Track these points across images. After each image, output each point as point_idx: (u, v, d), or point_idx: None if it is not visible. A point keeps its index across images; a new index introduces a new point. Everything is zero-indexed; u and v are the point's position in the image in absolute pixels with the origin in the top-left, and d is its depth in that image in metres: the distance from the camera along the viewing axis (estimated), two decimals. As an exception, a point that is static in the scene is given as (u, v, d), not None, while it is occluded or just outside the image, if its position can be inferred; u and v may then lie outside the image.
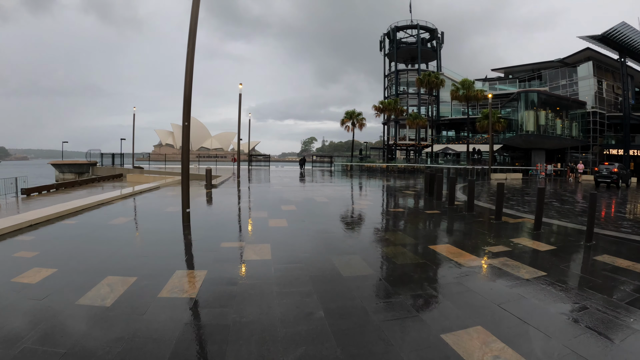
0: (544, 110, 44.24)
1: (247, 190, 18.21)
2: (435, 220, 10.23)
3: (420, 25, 60.24)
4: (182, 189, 9.07)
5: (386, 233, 8.33)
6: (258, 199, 14.35)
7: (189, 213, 9.00)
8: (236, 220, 9.71)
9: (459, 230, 8.89)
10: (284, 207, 11.63)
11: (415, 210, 12.14)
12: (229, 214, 10.69)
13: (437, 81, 41.38)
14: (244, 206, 12.09)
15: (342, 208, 12.32)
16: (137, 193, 16.04)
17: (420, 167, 39.38)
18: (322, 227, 8.74)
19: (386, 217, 10.63)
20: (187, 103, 8.98)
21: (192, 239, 7.44)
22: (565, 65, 55.68)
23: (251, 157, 50.63)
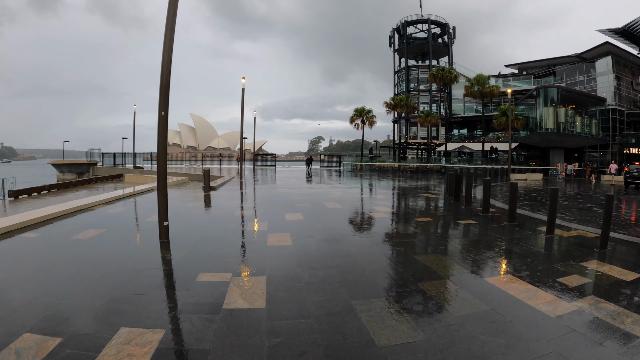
0: (564, 107, 41.86)
1: (249, 193, 16.40)
2: (475, 235, 8.26)
3: (431, 20, 58.09)
4: (159, 198, 7.22)
5: (421, 256, 6.36)
6: (259, 205, 12.51)
7: (167, 227, 7.16)
8: (228, 235, 7.79)
9: (510, 250, 6.91)
10: (289, 216, 9.75)
11: (445, 220, 10.16)
12: (221, 225, 8.81)
13: (451, 76, 39.22)
14: (240, 215, 10.19)
15: (357, 216, 10.39)
16: (126, 196, 14.31)
17: (434, 167, 37.31)
18: (336, 246, 6.82)
19: (414, 230, 8.64)
20: (165, 91, 7.15)
21: (162, 267, 5.57)
22: (582, 60, 53.21)
23: (257, 156, 48.89)
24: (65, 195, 18.85)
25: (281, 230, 7.92)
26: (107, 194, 14.44)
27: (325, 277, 5.10)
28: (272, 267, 5.44)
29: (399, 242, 7.34)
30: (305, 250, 6.47)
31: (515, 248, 7.00)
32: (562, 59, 56.09)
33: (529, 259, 6.27)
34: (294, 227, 8.41)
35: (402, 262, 6.01)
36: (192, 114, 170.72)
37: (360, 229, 8.62)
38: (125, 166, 38.61)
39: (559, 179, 36.26)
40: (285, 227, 8.33)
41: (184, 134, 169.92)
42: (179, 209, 11.50)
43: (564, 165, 39.59)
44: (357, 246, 6.86)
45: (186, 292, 4.52)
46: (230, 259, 5.91)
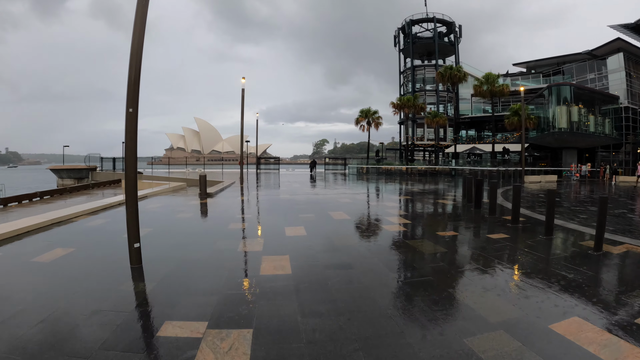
0: (577, 105, 40.23)
1: (247, 200, 15.10)
2: (513, 255, 6.82)
3: (437, 18, 56.73)
4: (128, 214, 5.92)
5: (459, 292, 4.94)
6: (256, 216, 11.18)
7: (139, 250, 5.87)
8: (214, 258, 6.38)
9: (563, 277, 5.46)
10: (289, 231, 8.40)
11: (473, 234, 8.69)
12: (209, 243, 7.45)
13: (460, 75, 37.77)
14: (233, 229, 8.84)
15: (370, 231, 8.99)
16: (113, 205, 13.06)
17: (444, 170, 35.84)
18: (348, 276, 5.39)
19: (441, 251, 7.17)
20: (134, 85, 5.89)
21: (120, 310, 4.22)
22: (593, 57, 51.60)
23: (259, 159, 47.57)
24: (56, 204, 17.78)
25: (279, 251, 6.57)
26: (92, 204, 13.17)
27: (336, 330, 3.72)
28: (262, 314, 4.06)
29: (427, 269, 5.85)
30: (309, 282, 5.09)
31: (567, 273, 5.59)
32: (571, 57, 54.51)
33: (589, 289, 4.90)
34: (294, 246, 7.06)
35: (436, 302, 4.57)
36: (196, 117, 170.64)
37: (374, 249, 7.23)
38: (125, 171, 37.63)
39: (574, 180, 34.70)
40: (285, 247, 6.98)
41: (188, 138, 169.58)
42: (165, 220, 10.21)
43: (578, 166, 37.98)
44: (373, 277, 5.42)
45: (138, 356, 3.19)
46: (209, 297, 4.55)
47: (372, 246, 7.32)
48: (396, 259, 6.50)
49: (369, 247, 7.24)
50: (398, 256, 6.69)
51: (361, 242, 7.57)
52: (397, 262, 6.32)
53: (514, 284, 5.20)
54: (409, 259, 6.50)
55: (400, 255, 6.72)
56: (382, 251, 6.95)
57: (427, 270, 5.74)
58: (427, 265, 6.02)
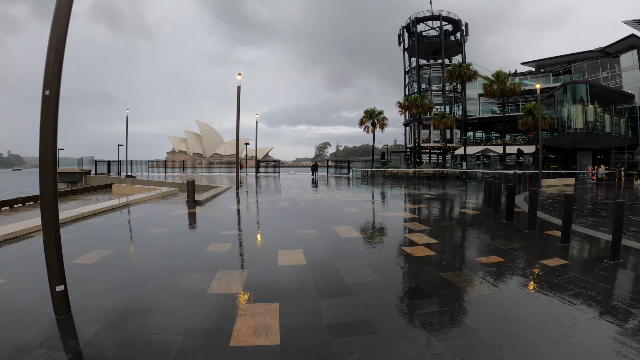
0: (592, 104, 38.11)
1: (240, 210, 13.19)
2: (584, 295, 4.85)
3: (442, 16, 54.93)
4: (45, 244, 4.05)
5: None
6: (246, 232, 9.22)
7: (63, 294, 4.00)
8: (169, 309, 4.45)
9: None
10: (283, 258, 6.42)
11: (520, 260, 6.69)
12: (173, 277, 5.45)
13: (470, 72, 35.79)
14: (211, 254, 6.83)
15: (389, 257, 6.92)
16: (84, 216, 11.20)
17: (454, 173, 33.84)
18: (371, 345, 3.55)
19: (490, 292, 5.12)
20: (56, 54, 4.01)
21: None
22: (605, 55, 49.65)
23: (259, 162, 45.69)
24: (34, 211, 16.17)
25: (266, 297, 4.59)
26: (62, 214, 11.27)
27: None
28: None
29: (488, 330, 3.95)
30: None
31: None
32: (583, 55, 52.59)
33: None
34: (288, 285, 5.09)
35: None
36: (197, 121, 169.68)
37: (401, 288, 5.24)
38: (121, 174, 35.89)
39: (591, 184, 32.67)
40: (274, 286, 5.00)
41: (190, 141, 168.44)
42: (135, 238, 8.35)
43: (595, 169, 35.91)
44: (408, 345, 3.55)
45: None
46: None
47: (396, 283, 5.35)
48: (435, 310, 4.49)
49: (393, 284, 5.23)
50: (429, 298, 4.71)
51: (381, 277, 5.52)
52: (437, 316, 4.33)
53: (599, 341, 3.25)
54: (456, 309, 4.49)
55: (440, 303, 4.70)
56: (413, 293, 4.99)
57: (488, 333, 3.78)
58: (487, 322, 4.04)
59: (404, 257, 6.61)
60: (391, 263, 6.32)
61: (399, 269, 6.01)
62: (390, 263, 6.31)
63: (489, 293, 4.86)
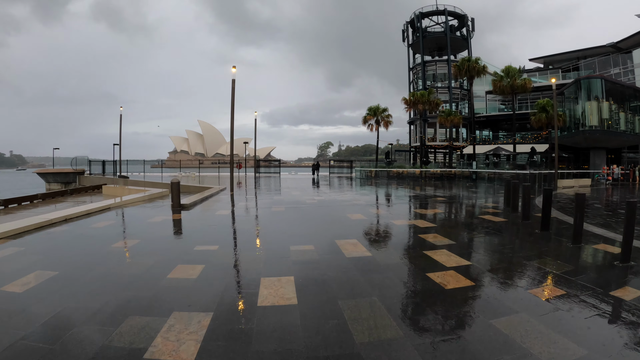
0: (607, 101, 36.21)
1: (227, 216, 11.53)
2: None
3: (448, 11, 53.12)
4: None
5: None
6: (226, 249, 7.53)
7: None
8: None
9: None
10: (267, 290, 4.73)
11: (588, 292, 4.87)
12: (104, 330, 3.89)
13: (479, 67, 33.96)
14: (172, 282, 5.18)
15: (413, 291, 5.18)
16: (53, 223, 9.67)
17: (463, 173, 32.08)
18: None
19: (566, 344, 3.64)
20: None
21: None
22: (617, 50, 47.82)
23: (259, 162, 43.99)
24: (14, 214, 14.94)
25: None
26: (27, 221, 9.63)
27: None
28: None
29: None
30: None
31: None
32: (593, 50, 50.76)
33: None
34: (269, 343, 3.48)
35: None
36: (199, 120, 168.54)
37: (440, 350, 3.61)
38: (115, 175, 34.49)
39: (606, 184, 30.91)
40: (244, 353, 3.39)
41: (191, 141, 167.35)
42: (91, 254, 6.70)
43: (610, 169, 34.09)
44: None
45: None
46: None
47: (431, 344, 3.67)
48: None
49: (426, 348, 3.55)
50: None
51: (406, 331, 3.74)
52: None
53: None
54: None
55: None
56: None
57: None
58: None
59: (432, 291, 4.87)
60: (417, 302, 4.57)
61: (430, 315, 4.19)
62: (415, 302, 4.57)
63: (563, 354, 3.17)
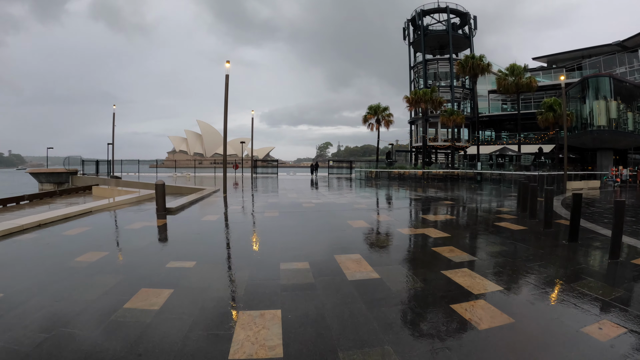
0: (615, 100, 35.05)
1: (213, 223, 10.33)
2: None
3: (450, 8, 51.99)
4: None
5: None
6: (203, 267, 6.34)
7: None
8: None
9: None
10: (242, 336, 3.61)
11: (637, 318, 3.98)
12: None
13: (483, 65, 32.80)
14: (127, 318, 4.14)
15: (432, 326, 4.10)
16: (25, 229, 8.52)
17: (468, 174, 30.91)
18: None
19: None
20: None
21: None
22: (623, 49, 46.73)
23: (256, 162, 42.79)
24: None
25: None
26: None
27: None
28: None
29: None
30: None
31: None
32: (598, 49, 49.66)
33: None
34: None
35: None
36: (198, 120, 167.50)
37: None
38: (110, 175, 33.37)
39: (615, 186, 29.76)
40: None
41: (190, 141, 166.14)
42: (48, 269, 5.51)
43: (619, 170, 32.96)
44: None
45: None
46: None
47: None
48: None
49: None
50: None
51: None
52: None
53: None
54: None
55: None
56: None
57: None
58: None
59: (462, 333, 3.64)
60: (448, 356, 3.34)
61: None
62: (446, 356, 3.37)
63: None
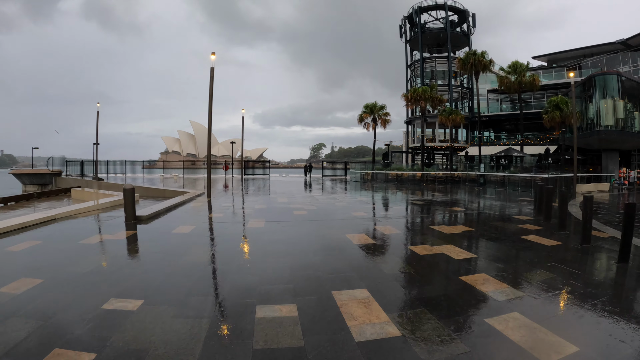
0: (622, 99, 33.56)
1: (187, 236, 8.48)
2: None
3: (448, 5, 50.50)
4: None
5: None
6: (154, 307, 4.41)
7: None
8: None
9: None
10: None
11: None
12: None
13: (485, 62, 31.23)
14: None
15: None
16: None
17: (470, 176, 29.30)
18: None
19: None
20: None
21: None
22: (627, 47, 45.51)
23: (247, 163, 40.91)
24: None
25: None
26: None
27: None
28: None
29: None
30: None
31: None
32: (601, 47, 48.35)
33: None
34: None
35: None
36: (191, 121, 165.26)
37: None
38: (97, 176, 31.61)
39: (622, 188, 28.39)
40: None
41: (183, 141, 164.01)
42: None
43: (627, 172, 31.58)
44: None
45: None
46: None
47: None
48: None
49: None
50: None
51: None
52: None
53: None
54: None
55: None
56: None
57: None
58: None
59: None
60: None
61: None
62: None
63: None
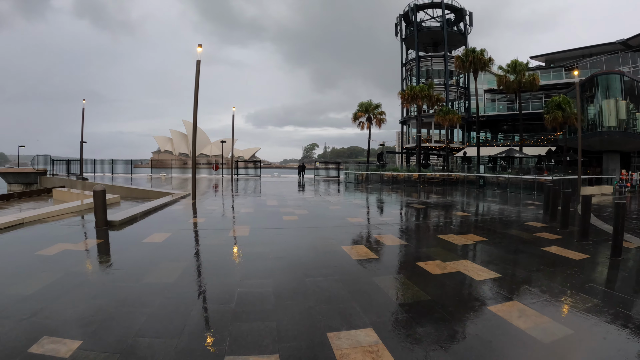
0: (624, 100, 32.65)
1: (159, 247, 7.17)
2: None
3: (445, 4, 49.44)
4: None
5: None
6: (99, 348, 3.25)
7: None
8: None
9: None
10: None
11: None
12: None
13: (485, 60, 30.16)
14: None
15: None
16: None
17: (467, 177, 28.22)
18: None
19: None
20: None
21: None
22: (627, 47, 44.91)
23: (237, 163, 39.60)
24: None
25: None
26: None
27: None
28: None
29: None
30: None
31: None
32: (600, 47, 47.77)
33: None
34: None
35: None
36: (184, 120, 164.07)
37: None
38: (83, 175, 30.35)
39: (625, 191, 27.50)
40: None
41: (175, 141, 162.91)
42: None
43: (630, 175, 30.72)
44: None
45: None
46: None
47: None
48: None
49: None
50: None
51: None
52: None
53: None
54: None
55: None
56: None
57: None
58: None
59: None
60: None
61: None
62: None
63: None
